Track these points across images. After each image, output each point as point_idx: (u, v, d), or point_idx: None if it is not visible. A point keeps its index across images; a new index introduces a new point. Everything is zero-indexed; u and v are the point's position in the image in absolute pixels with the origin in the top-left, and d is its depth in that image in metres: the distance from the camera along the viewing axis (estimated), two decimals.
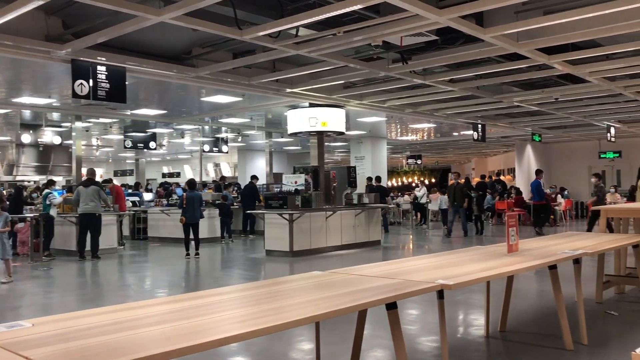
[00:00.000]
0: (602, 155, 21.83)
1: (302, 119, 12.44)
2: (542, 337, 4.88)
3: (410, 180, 37.89)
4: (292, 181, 11.96)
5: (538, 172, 15.69)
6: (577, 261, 4.53)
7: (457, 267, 3.90)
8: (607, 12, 6.34)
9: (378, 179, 16.48)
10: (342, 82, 11.06)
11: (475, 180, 22.38)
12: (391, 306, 2.99)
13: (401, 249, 13.00)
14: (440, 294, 3.29)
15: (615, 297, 6.45)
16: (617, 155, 21.48)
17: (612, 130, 17.16)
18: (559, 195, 20.04)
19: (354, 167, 15.32)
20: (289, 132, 13.07)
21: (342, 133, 13.18)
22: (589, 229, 12.63)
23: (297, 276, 3.73)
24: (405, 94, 12.19)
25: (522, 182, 22.44)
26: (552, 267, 4.26)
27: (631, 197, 14.51)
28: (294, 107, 12.71)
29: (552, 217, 18.38)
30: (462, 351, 4.54)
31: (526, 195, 18.69)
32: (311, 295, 3.07)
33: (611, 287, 6.48)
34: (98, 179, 13.37)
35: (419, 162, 26.88)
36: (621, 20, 6.91)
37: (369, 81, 11.18)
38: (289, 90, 10.90)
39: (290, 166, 21.70)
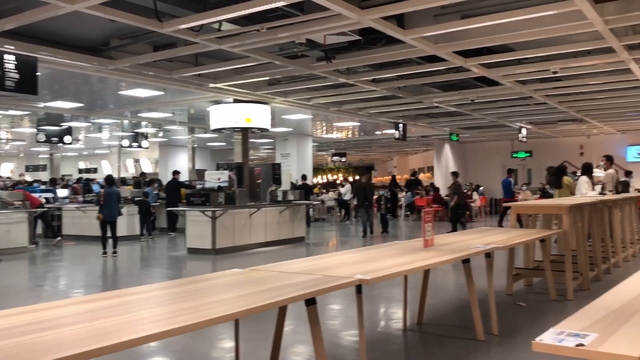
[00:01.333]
0: (514, 155, 23.01)
1: (226, 114, 12.27)
2: (457, 328, 5.09)
3: (335, 177, 38.31)
4: (215, 178, 11.79)
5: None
6: (488, 255, 4.75)
7: (376, 262, 3.98)
8: (519, 18, 6.68)
9: (304, 177, 16.60)
10: (267, 78, 11.02)
11: (399, 178, 23.02)
12: (310, 302, 3.02)
13: (324, 245, 13.13)
14: (359, 288, 3.36)
15: (524, 289, 6.82)
16: (528, 154, 22.70)
17: (524, 131, 18.11)
18: (475, 193, 20.92)
19: (279, 164, 15.31)
20: (212, 128, 12.87)
21: (266, 130, 13.13)
22: (500, 224, 13.30)
23: (216, 274, 3.69)
24: (329, 92, 12.30)
25: (440, 179, 23.27)
26: (466, 261, 4.44)
27: (544, 194, 15.41)
28: (217, 102, 12.52)
29: (467, 213, 19.16)
30: (381, 344, 4.65)
31: (443, 191, 19.38)
32: (230, 293, 3.04)
33: (521, 279, 6.84)
34: (9, 174, 12.62)
35: (343, 159, 27.28)
36: (532, 27, 7.29)
37: (294, 78, 11.20)
38: (212, 85, 10.72)
39: (214, 162, 21.38)
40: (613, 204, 8.41)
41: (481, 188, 22.32)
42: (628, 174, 14.11)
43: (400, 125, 15.92)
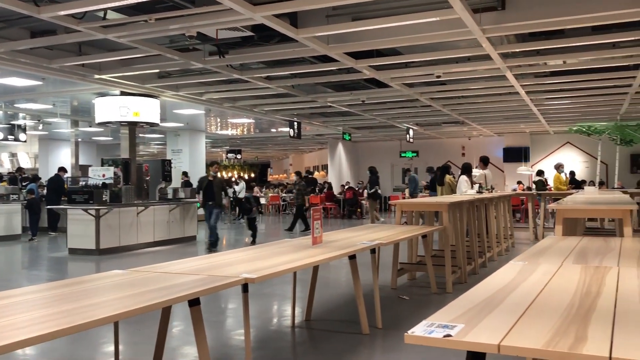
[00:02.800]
0: (402, 154, 24.00)
1: (112, 107, 11.68)
2: (343, 323, 5.22)
3: (229, 174, 37.87)
4: (100, 174, 11.20)
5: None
6: (373, 251, 4.91)
7: (264, 260, 3.98)
8: (406, 23, 6.97)
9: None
10: (157, 71, 10.64)
11: (293, 176, 23.15)
12: (194, 303, 2.95)
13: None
14: (245, 287, 3.33)
15: (408, 283, 7.13)
16: (415, 154, 23.79)
17: (411, 132, 18.95)
18: (365, 191, 21.57)
19: (170, 160, 14.84)
20: (97, 121, 12.20)
21: (156, 124, 12.68)
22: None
23: (96, 275, 3.50)
24: (223, 87, 12.13)
25: (334, 178, 23.76)
26: (352, 257, 4.56)
27: (432, 192, 16.16)
28: (103, 94, 11.90)
29: (359, 210, 19.75)
30: (270, 342, 4.66)
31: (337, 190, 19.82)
32: (109, 295, 2.90)
33: (405, 273, 7.15)
34: None
35: (238, 156, 26.99)
36: (418, 32, 7.63)
37: (185, 72, 10.91)
38: (97, 76, 10.16)
39: (100, 158, 20.33)
40: (489, 202, 9.02)
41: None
42: (540, 173, 14.99)
43: (295, 123, 16.05)
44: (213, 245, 10.87)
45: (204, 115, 16.38)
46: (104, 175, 11.11)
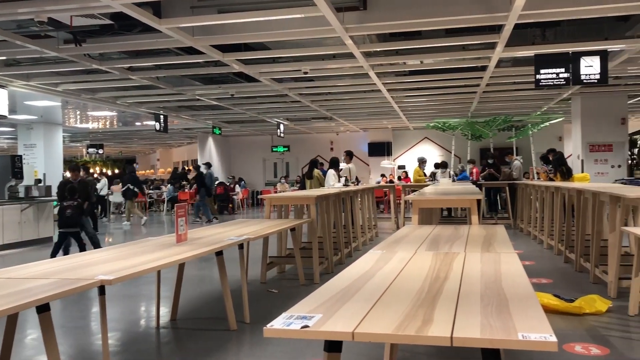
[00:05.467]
0: (274, 149, 24.18)
1: None
2: (211, 321, 5.14)
3: (91, 171, 35.61)
4: None
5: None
6: (241, 246, 4.89)
7: (124, 260, 3.79)
8: (272, 18, 6.99)
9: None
10: (4, 58, 9.70)
11: (162, 172, 22.37)
12: (42, 309, 2.73)
13: (74, 245, 12.08)
14: (102, 289, 3.15)
15: (278, 276, 7.20)
16: (286, 149, 24.08)
17: (282, 127, 19.12)
18: (237, 185, 21.44)
19: (20, 156, 13.62)
20: None
21: (4, 117, 11.55)
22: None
23: None
24: (81, 78, 11.36)
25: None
26: (219, 254, 4.50)
27: (303, 185, 16.41)
28: None
29: (230, 205, 19.58)
30: (132, 344, 4.46)
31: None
32: None
33: (275, 267, 7.21)
34: None
35: (100, 151, 25.43)
36: (285, 28, 7.69)
37: (38, 61, 10.07)
38: None
39: None
40: (354, 195, 9.37)
41: (243, 182, 22.95)
42: (437, 166, 15.62)
43: (162, 116, 15.48)
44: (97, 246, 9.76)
45: (61, 108, 15.23)
46: None
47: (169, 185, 20.84)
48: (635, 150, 16.15)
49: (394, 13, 7.32)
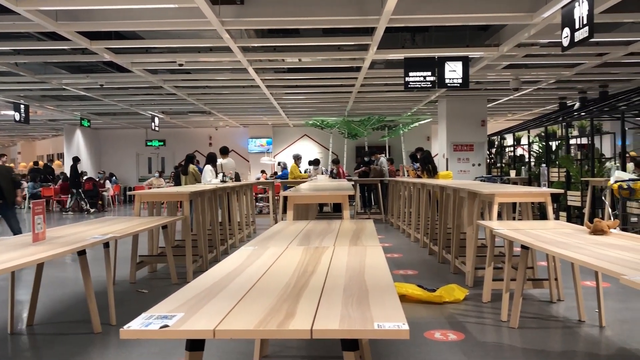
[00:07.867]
0: (148, 143, 23.26)
1: None
2: (74, 324, 4.83)
3: None
4: None
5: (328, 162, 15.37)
6: (106, 245, 4.64)
7: None
8: (144, 6, 6.72)
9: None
10: None
11: (24, 166, 20.63)
12: None
13: None
14: None
15: (149, 276, 6.93)
16: (162, 143, 23.26)
17: (157, 120, 18.44)
18: (108, 181, 20.36)
19: None
20: None
21: None
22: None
23: None
24: None
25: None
26: (81, 253, 4.24)
27: (177, 181, 15.89)
28: None
29: (100, 202, 18.56)
30: None
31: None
32: None
33: (145, 266, 6.93)
34: None
35: None
36: (159, 17, 7.40)
37: None
38: None
39: None
40: (231, 191, 9.27)
41: (114, 177, 21.87)
42: (335, 162, 15.53)
43: (22, 106, 14.27)
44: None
45: None
46: None
47: (30, 181, 19.27)
48: (493, 150, 17.58)
49: (271, 9, 7.34)
